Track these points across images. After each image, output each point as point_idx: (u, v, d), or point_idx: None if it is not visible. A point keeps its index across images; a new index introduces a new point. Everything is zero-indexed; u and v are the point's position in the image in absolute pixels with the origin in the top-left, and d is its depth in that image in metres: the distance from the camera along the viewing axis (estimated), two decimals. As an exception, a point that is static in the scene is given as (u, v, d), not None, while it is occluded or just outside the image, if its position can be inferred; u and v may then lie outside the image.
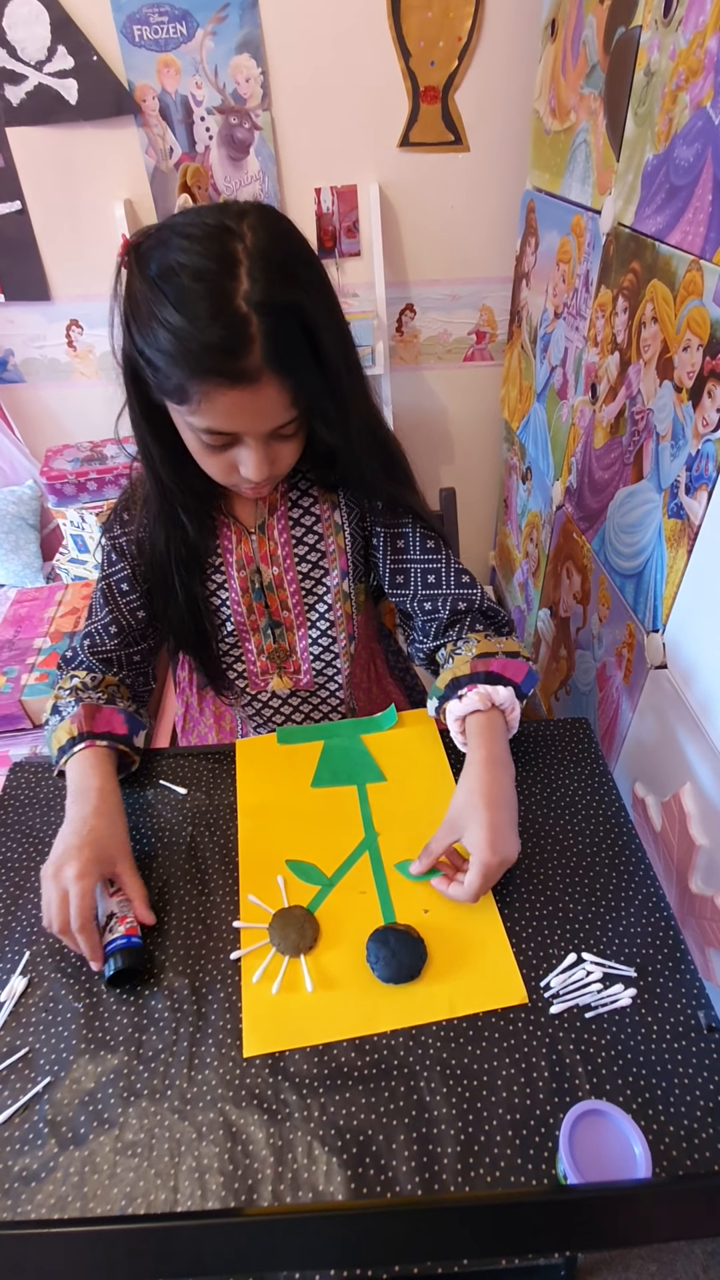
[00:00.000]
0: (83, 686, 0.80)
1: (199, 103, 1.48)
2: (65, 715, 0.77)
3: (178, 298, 0.56)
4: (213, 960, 0.64)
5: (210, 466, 0.68)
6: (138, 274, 0.58)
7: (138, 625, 0.83)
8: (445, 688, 0.76)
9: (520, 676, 0.75)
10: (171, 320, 0.56)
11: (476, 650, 0.76)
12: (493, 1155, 0.52)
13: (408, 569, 0.83)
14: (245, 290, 0.56)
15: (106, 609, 0.82)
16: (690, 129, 0.79)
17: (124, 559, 0.80)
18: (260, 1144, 0.53)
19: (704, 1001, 0.60)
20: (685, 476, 0.83)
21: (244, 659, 0.89)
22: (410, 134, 1.51)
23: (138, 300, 0.59)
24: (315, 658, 0.89)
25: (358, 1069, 0.57)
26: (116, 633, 0.82)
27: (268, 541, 0.82)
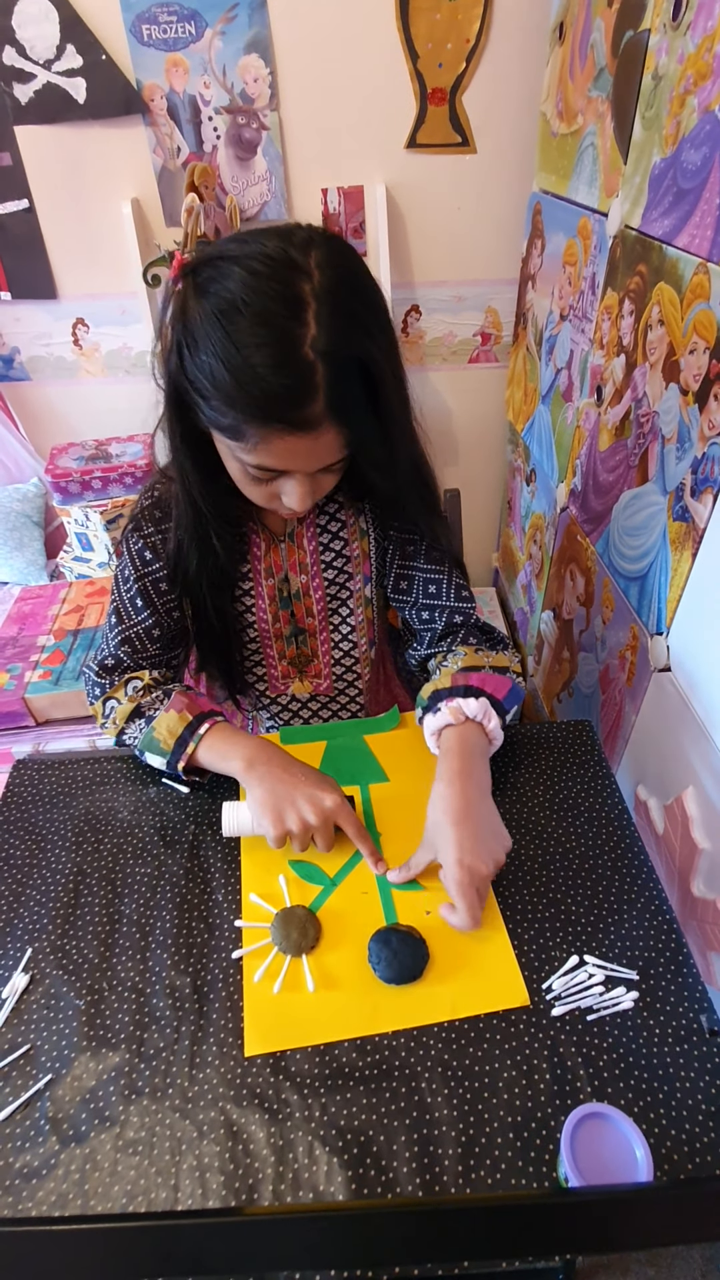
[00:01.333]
0: (154, 684, 0.80)
1: (207, 102, 1.48)
2: (157, 712, 0.76)
3: (241, 339, 0.54)
4: (214, 959, 0.64)
5: (252, 493, 0.68)
6: (195, 302, 0.57)
7: (175, 626, 0.82)
8: (427, 699, 0.75)
9: (501, 692, 0.74)
10: (233, 361, 0.55)
11: (462, 663, 0.76)
12: (494, 1157, 0.52)
13: (412, 576, 0.83)
14: (313, 337, 0.55)
15: (147, 610, 0.79)
16: (699, 132, 0.79)
17: (159, 559, 0.78)
18: (261, 1143, 0.53)
19: (706, 1005, 0.60)
20: (691, 479, 0.83)
21: (265, 664, 0.90)
22: (417, 135, 1.51)
23: (193, 330, 0.57)
24: (336, 662, 0.89)
25: (359, 1069, 0.57)
26: (159, 635, 0.81)
27: (296, 550, 0.82)
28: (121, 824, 0.77)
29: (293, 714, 0.95)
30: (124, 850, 0.74)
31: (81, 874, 0.72)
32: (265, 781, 0.69)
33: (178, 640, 0.83)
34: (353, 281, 0.59)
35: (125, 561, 0.79)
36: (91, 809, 0.78)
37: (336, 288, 0.56)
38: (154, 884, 0.70)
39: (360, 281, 0.60)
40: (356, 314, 0.58)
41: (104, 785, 0.81)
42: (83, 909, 0.69)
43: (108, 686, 0.80)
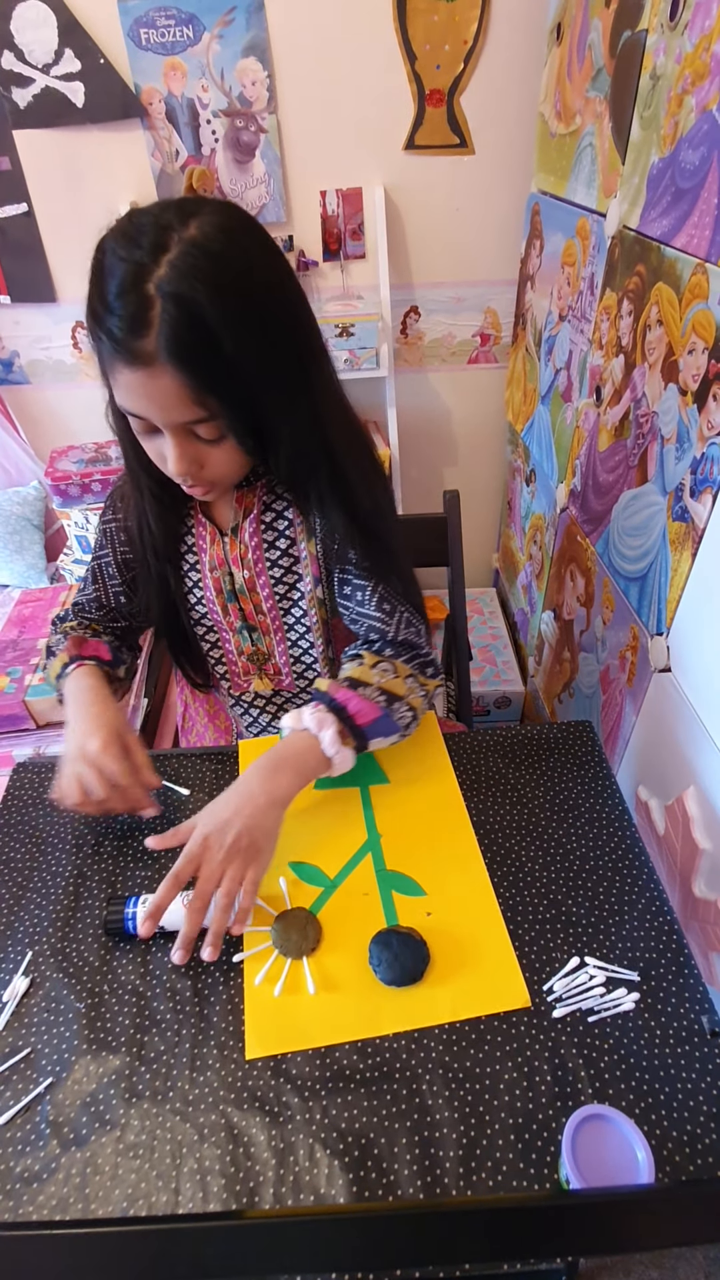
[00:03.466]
0: (72, 629, 0.88)
1: (205, 106, 1.49)
2: (58, 652, 0.85)
3: (99, 273, 0.59)
4: (215, 962, 0.64)
5: (149, 452, 0.69)
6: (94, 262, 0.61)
7: (118, 606, 0.89)
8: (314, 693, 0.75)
9: (365, 719, 0.71)
10: (91, 294, 0.60)
11: (351, 673, 0.74)
12: (495, 1159, 0.52)
13: (348, 580, 0.81)
14: (161, 276, 0.57)
15: (93, 586, 0.88)
16: (696, 132, 0.79)
17: (109, 545, 0.85)
18: (262, 1146, 0.53)
19: (707, 1006, 0.60)
20: (690, 479, 0.83)
21: (225, 660, 0.91)
22: (416, 137, 1.51)
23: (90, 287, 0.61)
24: (295, 660, 0.89)
25: (360, 1072, 0.57)
26: (99, 608, 0.89)
27: (239, 544, 0.81)
28: (122, 826, 0.77)
29: (260, 710, 0.96)
30: (124, 853, 0.74)
31: (82, 877, 0.72)
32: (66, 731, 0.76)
33: (119, 616, 0.90)
34: (229, 237, 0.59)
35: (95, 539, 0.88)
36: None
37: (206, 241, 0.58)
38: (154, 887, 0.70)
39: (240, 240, 0.60)
40: (216, 266, 0.58)
41: (104, 788, 0.81)
42: (83, 912, 0.69)
43: (52, 633, 0.90)
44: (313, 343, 0.68)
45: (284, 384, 0.65)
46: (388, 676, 0.74)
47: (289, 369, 0.65)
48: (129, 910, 0.65)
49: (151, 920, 0.62)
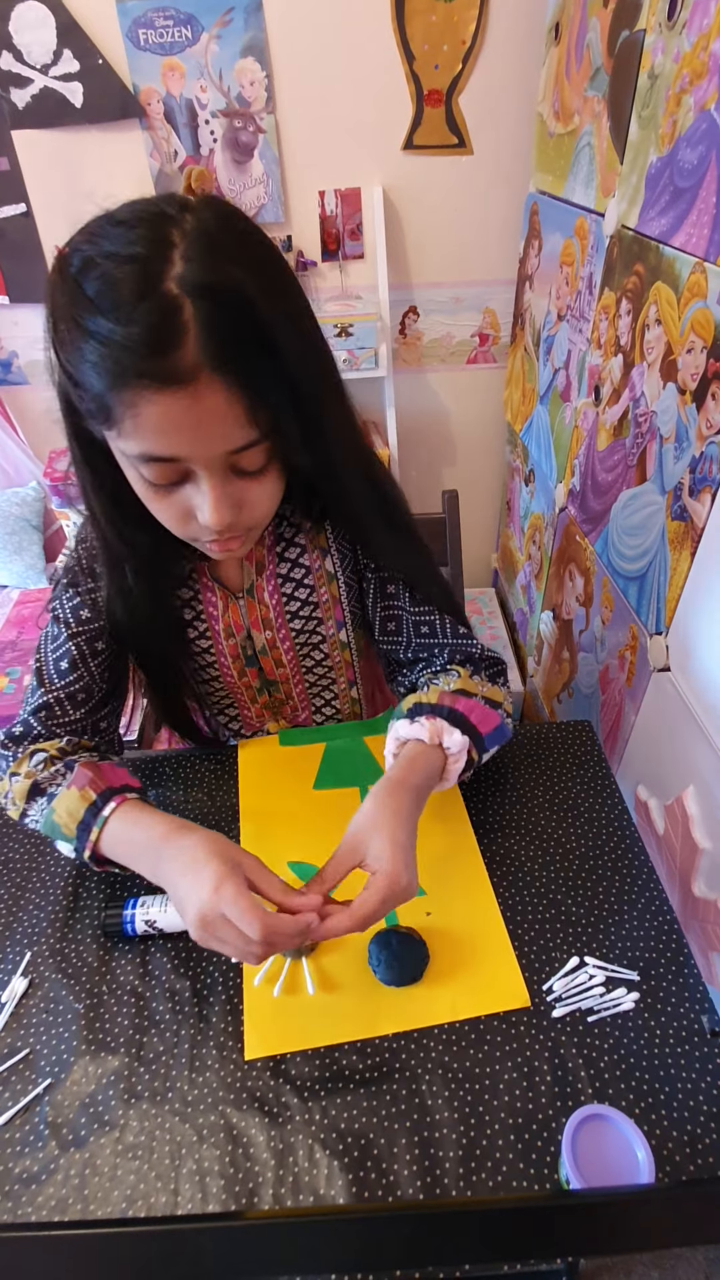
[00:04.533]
0: (59, 754, 0.67)
1: (203, 106, 1.49)
2: (59, 789, 0.63)
3: (97, 289, 0.46)
4: (214, 962, 0.64)
5: (162, 514, 0.56)
6: (60, 274, 0.48)
7: (108, 688, 0.72)
8: (407, 710, 0.67)
9: (487, 727, 0.67)
10: (89, 315, 0.46)
11: (455, 685, 0.69)
12: (494, 1159, 0.52)
13: (399, 618, 0.75)
14: (178, 272, 0.46)
15: (74, 674, 0.69)
16: (694, 131, 0.79)
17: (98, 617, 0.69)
18: (261, 1147, 0.53)
19: (707, 1006, 0.60)
20: (689, 479, 0.83)
21: (238, 708, 0.84)
22: (414, 137, 1.51)
23: (57, 306, 0.48)
24: (314, 697, 0.86)
25: (359, 1072, 0.57)
26: (84, 700, 0.70)
27: (258, 606, 0.73)
28: (121, 827, 0.76)
29: None
30: (123, 853, 0.74)
31: (81, 878, 0.72)
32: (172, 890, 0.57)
33: (105, 700, 0.73)
34: (231, 220, 0.50)
35: (55, 618, 0.70)
36: (91, 812, 0.78)
37: (212, 228, 0.48)
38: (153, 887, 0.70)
39: (240, 221, 0.51)
40: (233, 246, 0.49)
41: (103, 788, 0.81)
42: (82, 912, 0.69)
43: (10, 760, 0.68)
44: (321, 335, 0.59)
45: (322, 380, 0.56)
46: (487, 686, 0.71)
47: (326, 362, 0.57)
48: (128, 912, 0.65)
49: None
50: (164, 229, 0.47)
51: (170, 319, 0.46)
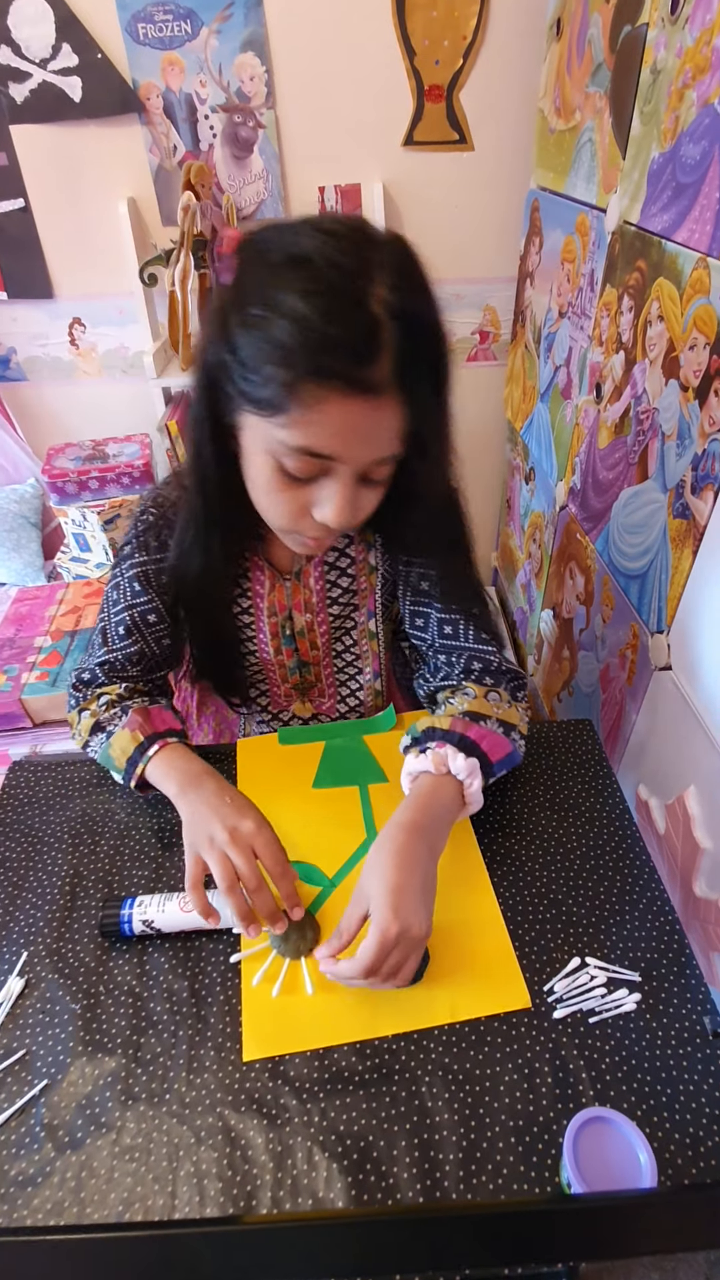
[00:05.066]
0: (120, 698, 0.77)
1: (203, 101, 1.48)
2: (114, 728, 0.73)
3: (306, 286, 0.49)
4: (213, 963, 0.63)
5: (279, 504, 0.60)
6: (255, 261, 0.53)
7: (163, 653, 0.79)
8: (421, 733, 0.70)
9: (497, 755, 0.68)
10: (295, 308, 0.49)
11: (468, 706, 0.70)
12: (495, 1162, 0.51)
13: (427, 614, 0.78)
14: (382, 295, 0.50)
15: (130, 639, 0.77)
16: (697, 126, 0.78)
17: (149, 590, 0.75)
18: (259, 1149, 0.52)
19: (709, 1007, 0.59)
20: (691, 476, 0.82)
21: (268, 684, 0.88)
22: (414, 133, 1.51)
23: (248, 289, 0.52)
24: (341, 685, 0.88)
25: (358, 1074, 0.56)
26: (139, 661, 0.78)
27: (302, 589, 0.78)
28: (119, 826, 0.76)
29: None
30: (121, 853, 0.73)
31: (78, 876, 0.71)
32: (192, 807, 0.66)
33: (162, 663, 0.80)
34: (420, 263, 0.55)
35: (116, 585, 0.76)
36: (88, 811, 0.78)
37: (406, 264, 0.53)
38: (152, 887, 0.70)
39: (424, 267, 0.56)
40: (426, 286, 0.54)
41: (101, 787, 0.80)
42: (79, 912, 0.68)
43: (81, 699, 0.78)
44: None
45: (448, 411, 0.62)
46: (503, 707, 0.72)
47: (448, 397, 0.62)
48: (125, 912, 0.64)
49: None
50: (368, 251, 0.52)
51: (374, 334, 0.51)
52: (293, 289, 0.50)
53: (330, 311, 0.49)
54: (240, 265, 0.54)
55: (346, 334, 0.50)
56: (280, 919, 0.63)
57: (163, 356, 1.58)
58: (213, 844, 0.63)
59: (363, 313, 0.50)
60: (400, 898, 0.56)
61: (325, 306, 0.49)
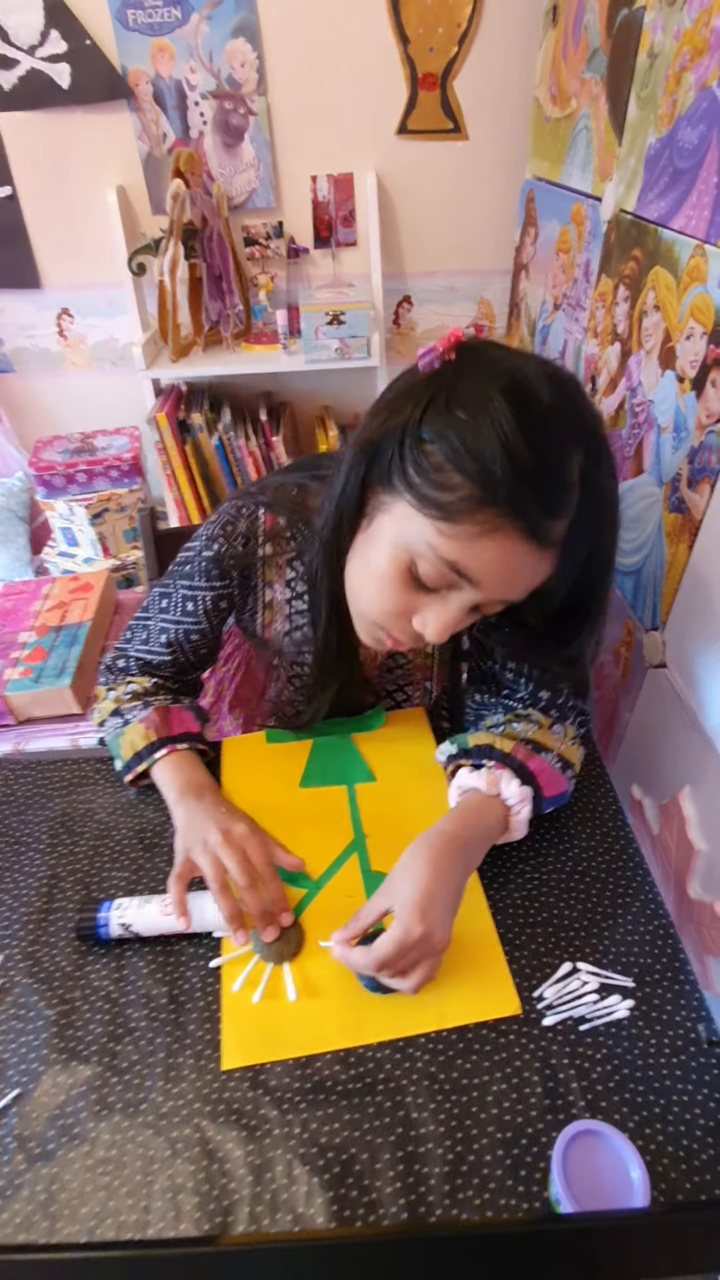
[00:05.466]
0: (146, 691, 0.77)
1: (193, 88, 1.46)
2: (132, 719, 0.73)
3: (528, 420, 0.50)
4: (192, 968, 0.61)
5: (385, 598, 0.60)
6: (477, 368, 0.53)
7: (199, 661, 0.80)
8: (473, 747, 0.68)
9: (552, 790, 0.67)
10: (511, 436, 0.50)
11: (532, 734, 0.69)
12: (482, 1175, 0.49)
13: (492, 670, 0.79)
14: (580, 461, 0.53)
15: (169, 651, 0.77)
16: (695, 110, 0.76)
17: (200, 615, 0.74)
18: (238, 1162, 0.51)
19: (704, 1014, 0.58)
20: (687, 469, 0.80)
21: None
22: (408, 122, 1.49)
23: (459, 391, 0.52)
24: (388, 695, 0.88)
25: (342, 1083, 0.54)
26: (173, 665, 0.79)
27: None
28: (99, 826, 0.74)
29: None
30: (101, 853, 0.71)
31: (55, 878, 0.69)
32: (189, 813, 0.67)
33: (197, 668, 0.81)
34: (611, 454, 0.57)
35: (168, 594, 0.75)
36: (68, 810, 0.76)
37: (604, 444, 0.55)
38: (132, 889, 0.68)
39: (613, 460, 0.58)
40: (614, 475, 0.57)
41: (83, 786, 0.78)
42: (56, 914, 0.66)
43: (111, 681, 0.79)
44: None
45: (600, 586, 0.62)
46: (566, 743, 0.71)
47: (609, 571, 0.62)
48: (103, 914, 0.62)
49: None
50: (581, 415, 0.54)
51: (566, 496, 0.53)
52: (512, 415, 0.50)
53: (542, 454, 0.51)
54: (457, 364, 0.54)
55: (548, 482, 0.52)
56: (270, 919, 0.62)
57: (152, 348, 1.56)
58: (205, 846, 0.64)
59: (566, 470, 0.52)
60: (429, 902, 0.55)
61: (540, 447, 0.50)
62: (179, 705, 0.76)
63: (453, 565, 0.55)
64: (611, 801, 0.75)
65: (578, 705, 0.75)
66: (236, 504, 0.73)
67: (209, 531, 0.73)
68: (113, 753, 0.75)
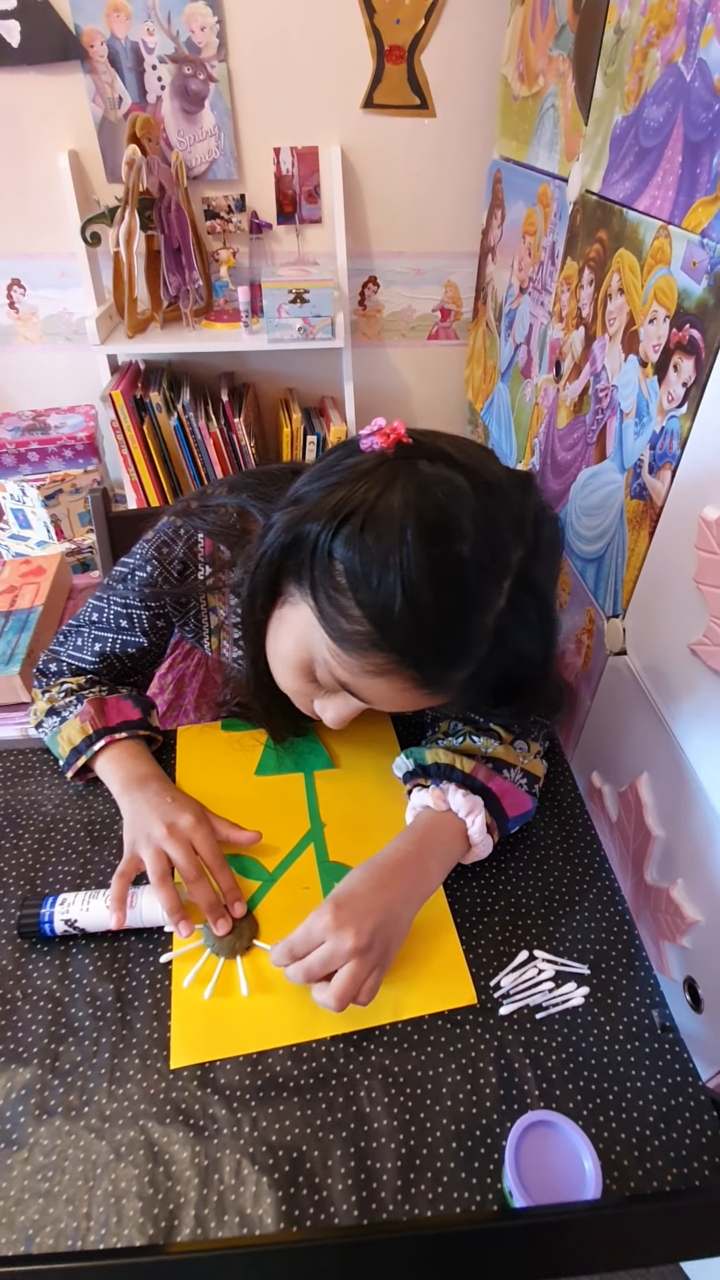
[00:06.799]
0: (80, 687, 0.74)
1: (150, 50, 1.40)
2: (68, 715, 0.71)
3: (438, 568, 0.46)
4: (141, 964, 0.59)
5: (288, 680, 0.60)
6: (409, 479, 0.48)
7: (136, 667, 0.78)
8: (431, 765, 0.65)
9: (517, 810, 0.65)
10: (418, 587, 0.46)
11: (495, 751, 0.66)
12: (435, 1170, 0.49)
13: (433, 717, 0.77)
14: (500, 610, 0.50)
15: (102, 662, 0.75)
16: (661, 87, 0.75)
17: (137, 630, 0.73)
18: (184, 1164, 0.49)
19: (658, 1000, 0.58)
20: (649, 455, 0.80)
21: None
22: (374, 95, 1.45)
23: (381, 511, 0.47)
24: None
25: (293, 1079, 0.53)
26: (108, 672, 0.76)
27: None
28: (45, 818, 0.71)
29: None
30: (46, 847, 0.68)
31: (-3, 873, 0.66)
32: (134, 805, 0.65)
33: (134, 673, 0.78)
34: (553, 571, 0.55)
35: (101, 608, 0.73)
36: (12, 802, 0.72)
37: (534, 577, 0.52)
38: (79, 883, 0.65)
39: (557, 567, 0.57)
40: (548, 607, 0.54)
41: (28, 777, 0.75)
42: (-3, 911, 0.63)
43: (46, 684, 0.77)
44: None
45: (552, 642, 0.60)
46: (529, 758, 0.68)
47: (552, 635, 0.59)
48: (46, 910, 0.60)
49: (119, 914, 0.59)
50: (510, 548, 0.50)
51: (473, 648, 0.50)
52: (424, 560, 0.46)
53: (448, 608, 0.48)
54: (389, 470, 0.49)
55: (449, 640, 0.49)
56: (221, 911, 0.60)
57: (107, 322, 1.50)
58: (149, 840, 0.62)
59: (474, 622, 0.49)
60: (350, 900, 0.54)
61: (446, 601, 0.47)
62: (116, 695, 0.73)
63: (344, 685, 0.54)
64: (571, 789, 0.74)
65: (540, 720, 0.72)
66: (175, 524, 0.71)
67: (144, 551, 0.71)
68: (53, 752, 0.73)
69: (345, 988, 0.51)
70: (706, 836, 0.72)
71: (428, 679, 0.51)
